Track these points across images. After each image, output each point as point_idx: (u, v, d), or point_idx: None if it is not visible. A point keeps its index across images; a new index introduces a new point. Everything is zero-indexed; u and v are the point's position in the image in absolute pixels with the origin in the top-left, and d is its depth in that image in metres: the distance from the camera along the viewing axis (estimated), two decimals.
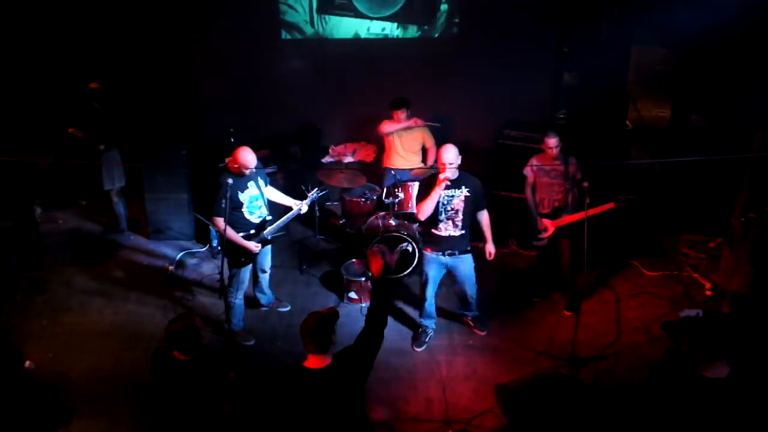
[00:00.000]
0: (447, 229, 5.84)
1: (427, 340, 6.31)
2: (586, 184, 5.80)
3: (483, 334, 6.40)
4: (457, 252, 5.93)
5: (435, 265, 6.02)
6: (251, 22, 9.09)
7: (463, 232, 5.86)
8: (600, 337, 6.38)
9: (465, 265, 6.02)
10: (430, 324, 6.33)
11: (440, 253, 5.93)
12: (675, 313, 6.61)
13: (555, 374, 5.79)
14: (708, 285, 7.05)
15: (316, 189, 6.47)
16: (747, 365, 3.63)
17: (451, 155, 5.60)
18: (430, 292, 6.14)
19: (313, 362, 3.66)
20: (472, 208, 5.82)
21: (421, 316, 6.34)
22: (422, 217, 5.83)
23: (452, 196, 5.75)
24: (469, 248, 6.01)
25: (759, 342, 5.42)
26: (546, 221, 6.41)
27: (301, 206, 6.25)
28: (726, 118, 8.22)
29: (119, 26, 8.88)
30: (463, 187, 5.74)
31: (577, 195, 6.25)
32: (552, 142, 6.21)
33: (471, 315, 6.47)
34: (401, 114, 7.28)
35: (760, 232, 6.05)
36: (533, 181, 6.50)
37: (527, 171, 6.52)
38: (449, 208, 5.77)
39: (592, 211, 5.89)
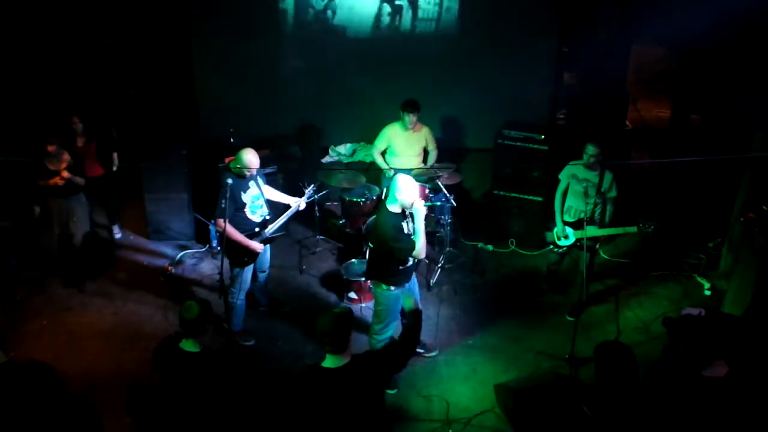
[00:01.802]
0: (411, 259, 5.44)
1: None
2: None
3: (432, 354, 6.14)
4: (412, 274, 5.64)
5: (397, 302, 5.57)
6: (250, 21, 9.09)
7: None
8: (599, 336, 6.38)
9: (415, 282, 5.74)
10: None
11: (403, 286, 5.49)
12: (675, 312, 6.64)
13: (554, 374, 5.79)
14: (707, 285, 7.07)
15: (313, 185, 6.48)
16: (746, 365, 3.64)
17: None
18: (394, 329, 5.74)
19: (331, 362, 3.71)
20: None
21: None
22: (424, 254, 5.39)
23: (408, 222, 5.38)
24: None
25: (759, 342, 5.44)
26: (569, 230, 6.40)
27: (299, 203, 6.27)
28: (726, 119, 8.22)
29: (119, 26, 8.88)
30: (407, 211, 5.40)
31: (605, 210, 6.30)
32: (592, 149, 6.19)
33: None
34: (412, 117, 7.26)
35: (759, 232, 6.05)
36: (566, 188, 6.48)
37: (562, 175, 6.51)
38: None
39: (614, 231, 6.19)
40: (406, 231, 5.27)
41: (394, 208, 5.27)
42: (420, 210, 5.21)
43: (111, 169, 7.65)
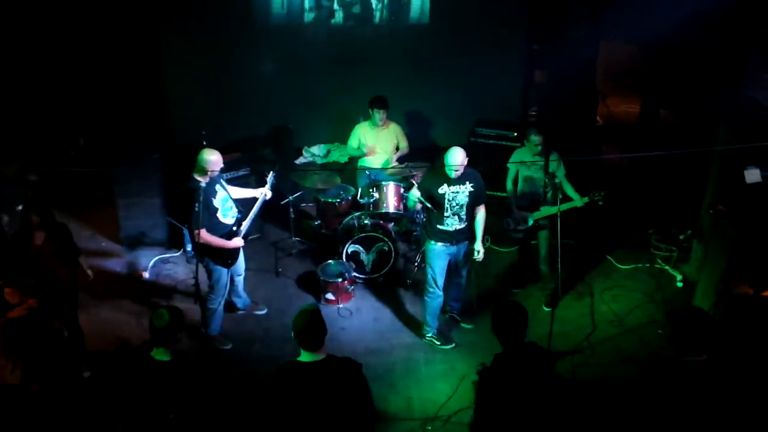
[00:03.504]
0: (453, 224, 5.93)
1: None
2: (557, 179, 6.09)
3: (470, 327, 6.54)
4: (462, 239, 6.07)
5: (443, 256, 6.07)
6: (221, 23, 9.02)
7: (467, 223, 6.00)
8: (575, 330, 6.46)
9: (464, 248, 6.16)
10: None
11: (449, 243, 6.01)
12: (648, 305, 6.74)
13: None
14: (679, 277, 7.17)
15: (273, 172, 6.36)
16: (721, 352, 3.82)
17: (460, 158, 5.74)
18: (441, 284, 6.17)
19: (307, 357, 3.82)
20: (473, 201, 5.93)
21: (442, 310, 6.40)
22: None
23: (457, 192, 5.84)
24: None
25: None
26: (525, 213, 6.52)
27: (264, 193, 6.21)
28: (693, 113, 8.36)
29: (86, 26, 8.73)
30: (467, 182, 5.84)
31: (555, 189, 6.37)
32: (536, 138, 6.33)
33: (456, 307, 6.60)
34: (382, 114, 7.35)
35: (727, 224, 6.16)
36: (515, 174, 6.62)
37: (510, 164, 6.64)
38: (455, 204, 5.87)
39: (567, 206, 6.18)
40: (448, 195, 5.81)
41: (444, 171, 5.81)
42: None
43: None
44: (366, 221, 7.07)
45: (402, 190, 7.16)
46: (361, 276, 7.13)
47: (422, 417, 5.48)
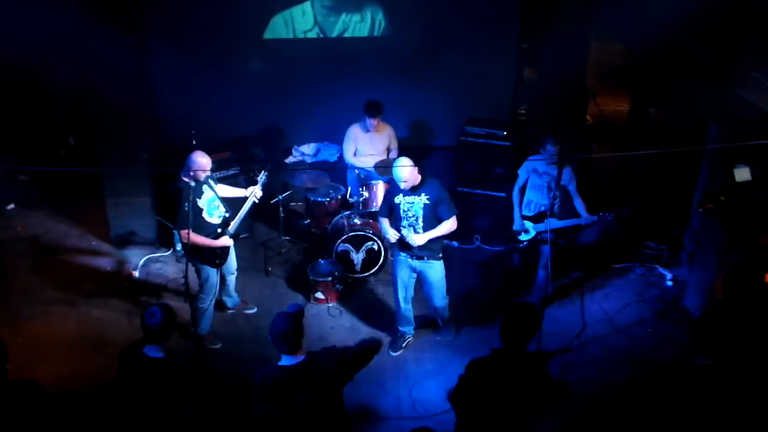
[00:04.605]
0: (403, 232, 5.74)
1: (403, 345, 6.28)
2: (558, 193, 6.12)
3: (449, 339, 6.40)
4: (425, 257, 5.80)
5: (403, 267, 5.91)
6: (211, 22, 8.98)
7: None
8: (566, 330, 6.46)
9: (433, 271, 5.88)
10: (407, 330, 6.29)
11: (408, 255, 5.82)
12: (638, 303, 6.75)
13: None
14: (669, 275, 7.19)
15: (264, 171, 6.31)
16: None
17: (405, 174, 5.51)
18: (401, 295, 6.05)
19: (287, 360, 3.85)
20: (431, 214, 5.65)
21: (397, 322, 6.31)
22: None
23: (412, 203, 5.64)
24: (439, 255, 5.87)
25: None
26: (528, 224, 6.47)
27: (254, 192, 6.17)
28: (683, 111, 8.37)
29: (76, 26, 8.69)
30: (423, 194, 5.61)
31: (564, 202, 6.35)
32: (552, 149, 6.23)
33: (439, 321, 6.43)
34: (374, 121, 7.28)
35: (717, 223, 6.17)
36: (524, 182, 6.54)
37: (521, 170, 6.55)
38: (410, 215, 5.67)
39: (575, 222, 6.25)
40: (403, 206, 5.66)
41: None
42: None
43: None
44: (355, 220, 7.07)
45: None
46: (350, 275, 7.12)
47: (410, 416, 5.47)
